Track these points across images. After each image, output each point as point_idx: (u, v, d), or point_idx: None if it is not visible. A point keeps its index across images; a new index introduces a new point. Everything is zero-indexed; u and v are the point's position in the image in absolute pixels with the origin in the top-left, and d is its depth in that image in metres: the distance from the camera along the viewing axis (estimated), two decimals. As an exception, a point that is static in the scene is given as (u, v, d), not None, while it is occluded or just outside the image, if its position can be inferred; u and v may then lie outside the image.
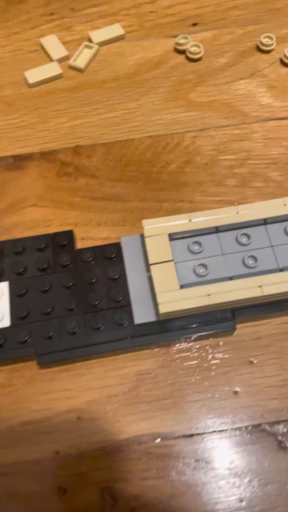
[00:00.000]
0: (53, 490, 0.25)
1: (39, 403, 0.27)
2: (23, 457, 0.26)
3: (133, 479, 0.25)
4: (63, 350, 0.27)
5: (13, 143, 0.36)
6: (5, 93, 0.38)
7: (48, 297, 0.29)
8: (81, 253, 0.30)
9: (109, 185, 0.34)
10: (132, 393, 0.27)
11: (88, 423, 0.26)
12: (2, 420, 0.27)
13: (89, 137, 0.36)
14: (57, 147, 0.36)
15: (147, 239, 0.28)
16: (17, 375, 0.28)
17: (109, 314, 0.28)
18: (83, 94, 0.38)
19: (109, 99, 0.38)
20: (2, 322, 0.28)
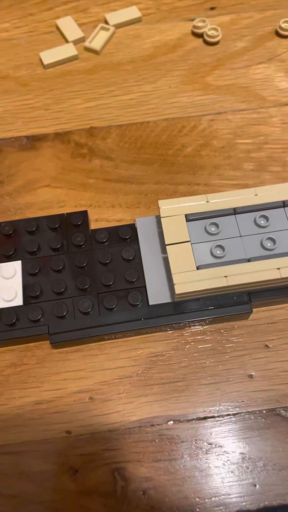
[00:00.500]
0: (64, 470, 0.25)
1: (50, 382, 0.27)
2: (34, 437, 0.25)
3: (145, 460, 0.25)
4: (76, 330, 0.27)
5: (27, 124, 0.36)
6: (20, 74, 0.38)
7: (61, 277, 0.28)
8: (95, 233, 0.30)
9: (123, 167, 0.34)
10: (145, 375, 0.27)
11: (101, 404, 0.26)
12: (13, 399, 0.26)
13: (104, 119, 0.36)
14: (72, 128, 0.35)
15: (164, 219, 0.27)
16: (29, 354, 0.28)
17: (123, 295, 0.28)
18: (98, 76, 0.38)
19: (125, 81, 0.37)
20: (15, 301, 0.28)
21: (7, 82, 0.38)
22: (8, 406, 0.26)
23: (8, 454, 0.25)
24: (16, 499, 0.24)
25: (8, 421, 0.26)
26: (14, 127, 0.36)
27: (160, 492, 0.24)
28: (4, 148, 0.34)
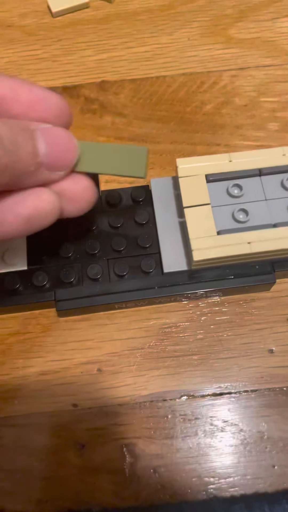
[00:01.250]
0: (70, 445, 0.23)
1: (56, 352, 0.25)
2: (38, 409, 0.24)
3: (156, 437, 0.23)
4: (84, 297, 0.25)
5: (33, 76, 0.33)
6: (26, 22, 0.35)
7: (68, 240, 0.26)
8: (106, 195, 0.27)
9: (137, 124, 0.31)
10: (158, 347, 0.25)
11: (110, 376, 0.24)
12: (16, 369, 0.25)
13: (117, 72, 0.33)
14: (82, 81, 0.33)
15: (182, 179, 0.25)
16: (33, 322, 0.26)
17: (135, 261, 0.26)
18: (111, 26, 0.35)
19: (140, 32, 0.34)
20: (18, 265, 0.26)
21: (12, 31, 0.35)
22: (11, 376, 0.24)
23: (10, 427, 0.24)
24: (18, 474, 0.23)
25: (11, 392, 0.24)
26: (20, 80, 0.33)
27: (172, 470, 0.23)
28: (9, 102, 0.32)
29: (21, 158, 0.18)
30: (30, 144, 0.18)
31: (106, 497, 0.22)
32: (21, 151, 0.18)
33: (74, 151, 0.20)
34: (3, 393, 0.24)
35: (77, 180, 0.21)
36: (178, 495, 0.22)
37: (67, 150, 0.20)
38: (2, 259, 0.25)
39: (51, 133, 0.19)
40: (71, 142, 0.20)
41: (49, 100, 0.20)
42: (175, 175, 0.27)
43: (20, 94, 0.20)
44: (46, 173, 0.19)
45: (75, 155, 0.20)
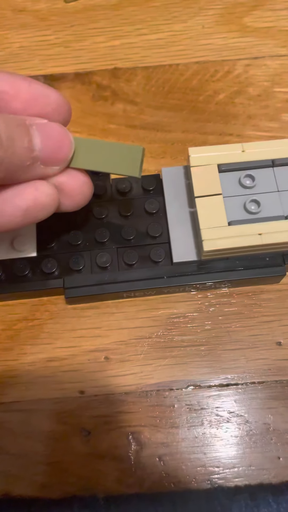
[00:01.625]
0: (76, 432, 0.23)
1: (64, 339, 0.25)
2: (44, 395, 0.24)
3: (162, 426, 0.23)
4: (93, 285, 0.25)
5: (45, 62, 0.33)
6: (38, 7, 0.35)
7: (77, 228, 0.26)
8: (116, 183, 0.27)
9: (149, 112, 0.31)
10: (165, 337, 0.25)
11: (117, 364, 0.24)
12: (24, 354, 0.25)
13: (129, 60, 0.32)
14: (94, 68, 0.32)
15: (194, 169, 0.25)
16: (42, 309, 0.26)
17: (144, 251, 0.26)
18: (124, 12, 0.34)
19: (153, 19, 0.34)
20: (28, 251, 0.26)
21: (24, 16, 0.34)
22: (19, 361, 0.25)
23: (17, 412, 0.24)
24: (24, 459, 0.23)
25: (18, 377, 0.24)
26: (31, 65, 0.33)
27: (177, 459, 0.23)
28: (20, 88, 0.32)
29: (17, 152, 0.18)
30: (26, 139, 0.19)
31: (111, 483, 0.22)
32: (17, 146, 0.18)
33: (69, 147, 0.20)
34: (11, 378, 0.24)
35: (74, 175, 0.21)
36: (183, 483, 0.22)
37: (62, 145, 0.20)
38: (11, 245, 0.25)
39: (47, 128, 0.20)
40: (66, 138, 0.20)
41: (48, 96, 0.20)
42: (187, 165, 0.27)
43: (20, 90, 0.20)
44: (41, 168, 0.20)
45: (70, 151, 0.20)
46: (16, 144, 0.18)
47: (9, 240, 0.26)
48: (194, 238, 0.25)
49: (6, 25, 0.34)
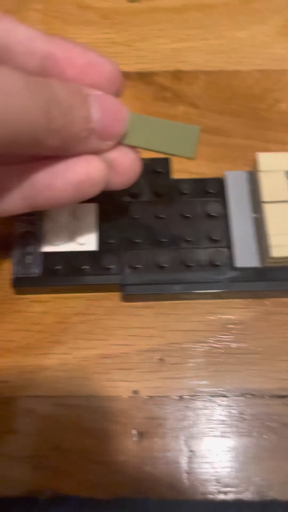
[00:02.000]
0: (128, 432, 0.23)
1: (118, 337, 0.25)
2: (97, 392, 0.24)
3: (214, 433, 0.23)
4: (152, 284, 0.25)
5: (107, 59, 0.33)
6: (103, 5, 0.35)
7: (138, 225, 0.26)
8: (178, 183, 0.27)
9: (210, 116, 0.31)
10: (220, 342, 0.25)
11: (171, 366, 0.24)
12: (77, 349, 0.24)
13: (192, 63, 0.32)
14: (156, 69, 0.32)
15: (262, 174, 0.24)
16: (96, 304, 0.25)
17: (204, 253, 0.25)
18: (187, 16, 0.34)
19: (217, 25, 0.34)
20: (88, 245, 0.25)
21: (88, 13, 0.35)
22: (72, 356, 0.24)
23: (68, 406, 0.23)
24: (75, 455, 0.22)
25: (71, 371, 0.24)
26: (93, 62, 0.33)
27: (230, 467, 0.22)
28: (81, 83, 0.32)
29: (75, 122, 0.18)
30: (84, 109, 0.18)
31: (163, 488, 0.22)
32: (76, 115, 0.18)
33: (125, 121, 0.20)
34: (64, 372, 0.24)
35: (125, 152, 0.20)
36: (235, 493, 0.22)
37: (118, 119, 0.19)
38: (72, 238, 0.25)
39: (104, 100, 0.19)
40: (122, 112, 0.20)
41: (103, 66, 0.20)
42: (251, 170, 0.27)
43: (75, 58, 0.19)
44: (96, 141, 0.19)
45: (125, 125, 0.20)
46: (75, 113, 0.18)
47: (70, 232, 0.25)
48: (257, 244, 0.25)
49: (70, 20, 0.34)
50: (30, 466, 0.22)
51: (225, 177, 0.27)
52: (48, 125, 0.17)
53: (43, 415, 0.23)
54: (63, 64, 0.19)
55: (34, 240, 0.25)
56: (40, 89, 0.17)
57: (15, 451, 0.22)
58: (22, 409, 0.23)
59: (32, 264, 0.25)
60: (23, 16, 0.35)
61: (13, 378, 0.24)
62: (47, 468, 0.22)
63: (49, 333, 0.25)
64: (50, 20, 0.35)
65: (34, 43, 0.19)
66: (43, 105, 0.16)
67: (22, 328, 0.25)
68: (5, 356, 0.24)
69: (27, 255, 0.25)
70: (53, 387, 0.24)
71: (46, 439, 0.23)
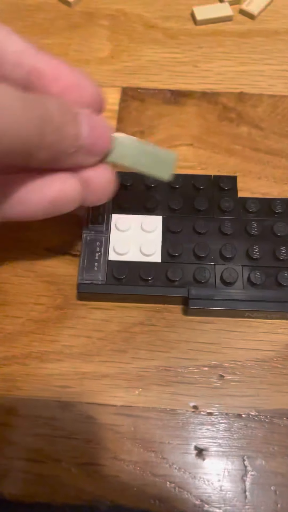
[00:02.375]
0: (188, 447, 0.22)
1: (179, 350, 0.25)
2: (157, 404, 0.23)
3: (277, 454, 0.22)
4: (218, 299, 0.24)
5: (173, 78, 0.33)
6: (169, 25, 0.36)
7: (204, 240, 0.26)
8: (245, 202, 0.27)
9: (274, 139, 0.31)
10: (284, 363, 0.24)
11: (232, 384, 0.24)
12: (138, 359, 0.24)
13: (256, 86, 0.33)
14: (220, 89, 0.33)
15: None
16: (157, 315, 0.25)
17: (270, 272, 0.25)
18: (252, 42, 0.35)
19: (280, 52, 0.35)
20: (153, 256, 0.25)
21: (155, 32, 0.36)
22: (132, 365, 0.24)
23: (128, 417, 0.23)
24: (133, 467, 0.22)
25: (131, 381, 0.24)
26: (159, 79, 0.33)
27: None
28: (147, 99, 0.32)
29: (66, 138, 0.19)
30: (75, 126, 0.19)
31: (223, 506, 0.21)
32: (67, 131, 0.19)
33: (110, 140, 0.21)
34: (124, 381, 0.24)
35: (101, 172, 0.21)
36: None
37: (104, 136, 0.20)
38: (138, 248, 0.25)
39: (92, 118, 0.20)
40: (108, 131, 0.21)
41: (87, 87, 0.21)
42: None
43: (62, 75, 0.20)
44: (82, 156, 0.20)
45: (110, 144, 0.21)
46: (66, 130, 0.18)
47: (137, 243, 0.26)
48: None
49: (137, 38, 0.35)
50: (86, 474, 0.22)
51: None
52: (41, 140, 0.17)
53: (102, 423, 0.23)
54: (49, 80, 0.20)
55: (100, 248, 0.26)
56: (35, 106, 0.17)
57: (73, 458, 0.22)
58: (81, 416, 0.23)
59: (97, 271, 0.25)
60: (90, 32, 0.36)
61: (73, 383, 0.24)
62: (104, 478, 0.22)
63: (110, 341, 0.25)
64: (117, 36, 0.36)
65: (24, 56, 0.20)
66: (37, 122, 0.17)
67: (83, 334, 0.25)
68: (66, 361, 0.24)
69: (93, 262, 0.25)
70: (112, 395, 0.23)
71: (105, 448, 0.22)
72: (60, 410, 0.23)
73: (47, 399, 0.23)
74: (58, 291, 0.26)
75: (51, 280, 0.26)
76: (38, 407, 0.23)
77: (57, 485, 0.22)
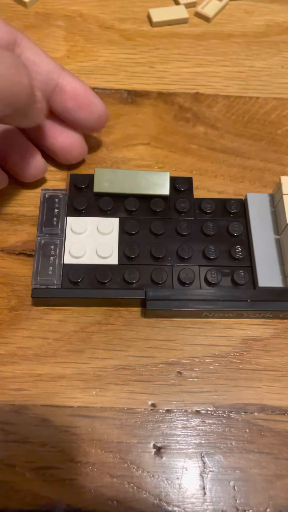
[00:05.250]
0: (146, 447, 0.22)
1: (137, 348, 0.24)
2: (115, 403, 0.23)
3: (234, 450, 0.22)
4: (175, 300, 0.24)
5: (129, 78, 0.33)
6: (125, 27, 0.36)
7: (161, 241, 0.26)
8: (200, 202, 0.27)
9: (229, 138, 0.31)
10: (240, 358, 0.24)
11: (190, 381, 0.24)
12: (95, 359, 0.24)
13: (211, 87, 0.34)
14: (176, 90, 0.33)
15: (286, 197, 0.25)
16: (115, 314, 0.25)
17: (226, 272, 0.25)
18: (207, 44, 0.36)
19: (235, 54, 0.35)
20: (110, 259, 0.25)
21: (111, 33, 0.36)
22: (90, 365, 0.24)
23: (85, 418, 0.23)
24: (91, 469, 0.22)
25: (88, 381, 0.23)
26: (116, 79, 0.33)
27: (250, 485, 0.22)
28: (104, 99, 0.32)
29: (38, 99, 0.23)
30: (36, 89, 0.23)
31: (185, 504, 0.21)
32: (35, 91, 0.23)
33: None
34: (81, 381, 0.23)
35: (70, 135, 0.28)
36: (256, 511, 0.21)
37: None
38: (94, 251, 0.25)
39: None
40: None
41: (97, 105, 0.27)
42: (272, 193, 0.27)
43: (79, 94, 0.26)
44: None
45: None
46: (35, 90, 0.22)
47: (92, 245, 0.25)
48: (280, 265, 0.25)
49: (93, 39, 0.35)
50: (42, 478, 0.21)
51: (246, 198, 0.27)
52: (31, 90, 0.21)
53: (58, 425, 0.22)
54: (68, 96, 0.26)
55: (55, 251, 0.25)
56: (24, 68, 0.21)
57: (27, 463, 0.22)
58: (36, 419, 0.22)
59: (52, 275, 0.24)
60: (46, 33, 0.36)
61: (28, 386, 0.23)
62: (60, 481, 0.21)
63: (67, 341, 0.24)
64: (73, 37, 0.35)
65: (52, 75, 0.25)
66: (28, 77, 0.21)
67: (38, 336, 0.24)
68: (20, 363, 0.24)
69: (47, 266, 0.25)
70: (68, 397, 0.23)
71: (61, 450, 0.22)
72: (14, 414, 0.22)
73: (0, 403, 0.23)
74: (13, 292, 0.25)
75: (5, 281, 0.25)
76: (-9, 411, 0.22)
77: (11, 491, 0.21)
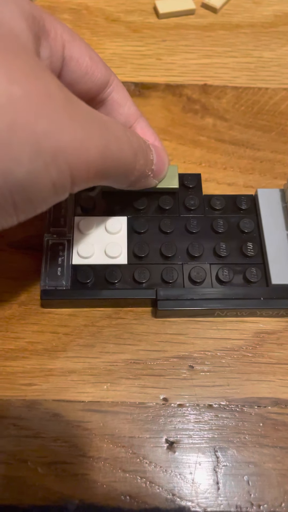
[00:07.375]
0: (158, 441, 0.22)
1: (148, 342, 0.24)
2: (126, 398, 0.23)
3: (248, 444, 0.22)
4: (186, 299, 0.24)
5: (136, 70, 0.33)
6: (131, 19, 0.36)
7: (170, 240, 0.25)
8: (210, 199, 0.27)
9: (238, 129, 0.31)
10: (253, 351, 0.24)
11: (202, 374, 0.23)
12: (106, 353, 0.24)
13: (220, 78, 0.33)
14: (184, 82, 0.33)
15: (299, 189, 0.25)
16: (125, 308, 0.25)
17: (238, 269, 0.25)
18: (214, 35, 0.35)
19: (243, 44, 0.35)
20: (119, 258, 0.25)
21: (117, 26, 0.35)
22: (101, 360, 0.23)
23: (96, 412, 0.22)
24: (103, 464, 0.21)
25: (100, 376, 0.23)
26: (122, 71, 0.33)
27: (264, 480, 0.21)
28: (111, 91, 0.32)
29: (148, 162, 0.23)
30: (151, 153, 0.23)
31: (198, 499, 0.21)
32: (149, 157, 0.23)
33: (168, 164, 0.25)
34: (92, 376, 0.23)
35: None
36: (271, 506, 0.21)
37: (165, 163, 0.25)
38: (103, 251, 0.25)
39: (157, 149, 0.24)
40: (167, 157, 0.25)
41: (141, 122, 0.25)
42: (283, 188, 0.27)
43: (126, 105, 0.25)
44: (151, 180, 0.24)
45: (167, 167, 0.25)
46: (149, 156, 0.22)
47: (101, 245, 0.25)
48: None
49: (99, 32, 0.35)
50: (54, 473, 0.21)
51: (256, 194, 0.27)
52: (135, 163, 0.21)
53: (70, 420, 0.22)
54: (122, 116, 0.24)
55: (63, 252, 0.25)
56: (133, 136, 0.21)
57: (39, 458, 0.21)
58: (48, 414, 0.22)
59: (61, 276, 0.24)
60: (52, 26, 0.35)
61: (39, 381, 0.23)
62: (73, 476, 0.21)
63: (77, 336, 0.24)
64: (79, 30, 0.35)
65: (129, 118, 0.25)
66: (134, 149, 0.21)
67: (48, 330, 0.24)
68: (31, 358, 0.23)
69: (56, 267, 0.24)
70: (80, 391, 0.23)
71: (73, 445, 0.22)
72: (25, 409, 0.22)
73: (11, 398, 0.22)
74: (22, 287, 0.25)
75: (14, 276, 0.25)
76: (2, 406, 0.22)
77: (23, 486, 0.21)
